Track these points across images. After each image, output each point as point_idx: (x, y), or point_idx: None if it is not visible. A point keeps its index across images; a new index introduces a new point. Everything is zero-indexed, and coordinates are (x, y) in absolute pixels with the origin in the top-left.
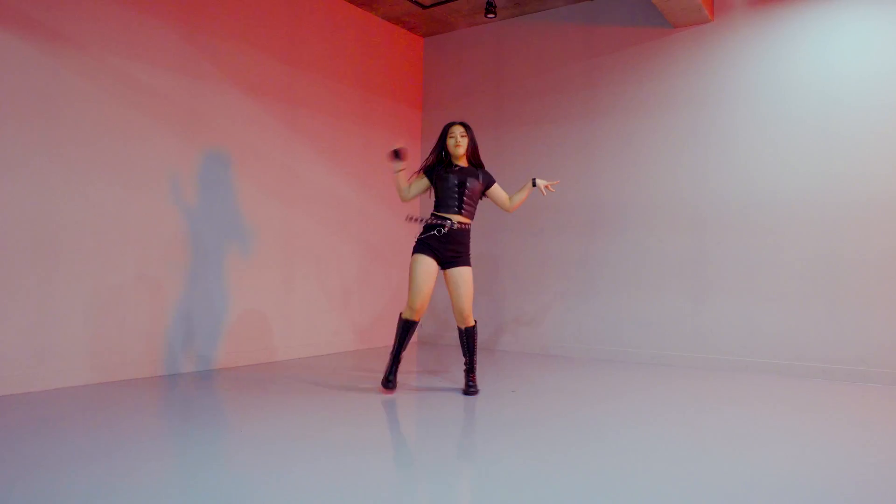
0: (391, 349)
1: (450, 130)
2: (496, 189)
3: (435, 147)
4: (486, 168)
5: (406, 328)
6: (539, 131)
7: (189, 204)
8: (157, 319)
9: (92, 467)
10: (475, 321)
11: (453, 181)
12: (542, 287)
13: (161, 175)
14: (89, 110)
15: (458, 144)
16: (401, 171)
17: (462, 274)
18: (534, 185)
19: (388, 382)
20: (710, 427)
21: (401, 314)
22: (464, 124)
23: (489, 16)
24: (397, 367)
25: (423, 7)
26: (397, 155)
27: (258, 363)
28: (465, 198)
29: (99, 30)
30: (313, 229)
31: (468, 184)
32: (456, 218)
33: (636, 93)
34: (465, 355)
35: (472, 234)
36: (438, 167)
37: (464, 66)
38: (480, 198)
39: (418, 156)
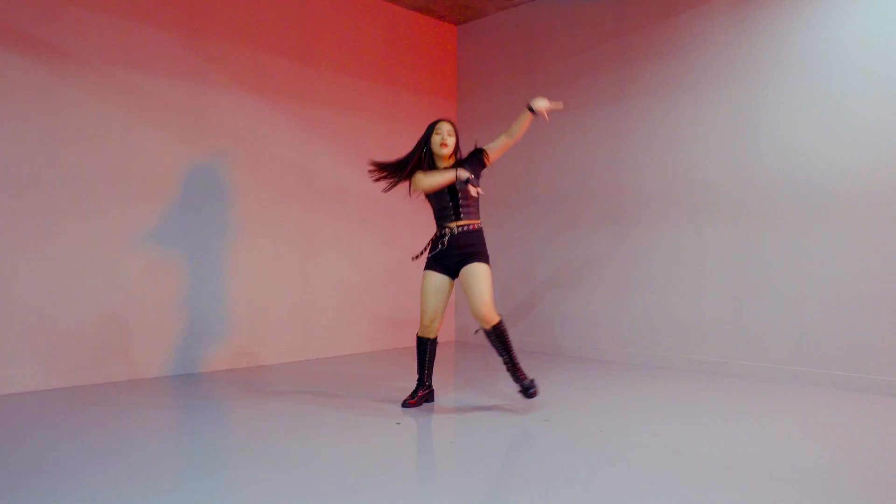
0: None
1: (436, 127)
2: (492, 148)
3: (416, 147)
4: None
5: (421, 347)
6: (569, 116)
7: (199, 211)
8: (166, 324)
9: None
10: (500, 317)
11: (444, 190)
12: (572, 284)
13: (169, 183)
14: (91, 122)
15: (445, 143)
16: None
17: (472, 269)
18: (531, 110)
19: (404, 403)
20: (757, 450)
21: (417, 334)
22: (451, 122)
23: None
24: (421, 388)
25: None
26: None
27: (274, 364)
28: (460, 201)
29: (96, 40)
30: (334, 230)
31: (457, 185)
32: (455, 224)
33: (671, 70)
34: (500, 354)
35: (489, 231)
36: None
37: (497, 52)
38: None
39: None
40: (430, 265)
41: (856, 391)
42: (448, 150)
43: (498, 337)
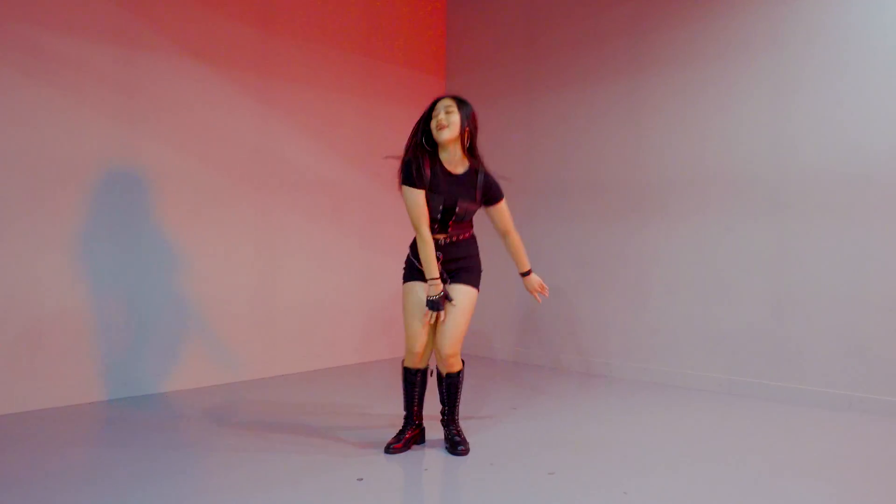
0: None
1: (434, 108)
2: (501, 209)
3: (414, 131)
4: (494, 163)
5: (408, 381)
6: (577, 93)
7: (134, 203)
8: (91, 340)
9: None
10: (462, 366)
11: (438, 203)
12: (579, 288)
13: (95, 170)
14: None
15: (443, 125)
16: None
17: (456, 294)
18: (526, 273)
19: (388, 447)
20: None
21: (402, 362)
22: (457, 98)
23: None
24: (409, 428)
25: None
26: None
27: (229, 383)
28: (450, 221)
29: None
30: (300, 222)
31: (458, 208)
32: (441, 237)
33: (697, 36)
34: (442, 403)
35: (481, 230)
36: (430, 170)
37: (492, 19)
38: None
39: None
40: (413, 275)
41: None
42: (449, 135)
43: (449, 388)
